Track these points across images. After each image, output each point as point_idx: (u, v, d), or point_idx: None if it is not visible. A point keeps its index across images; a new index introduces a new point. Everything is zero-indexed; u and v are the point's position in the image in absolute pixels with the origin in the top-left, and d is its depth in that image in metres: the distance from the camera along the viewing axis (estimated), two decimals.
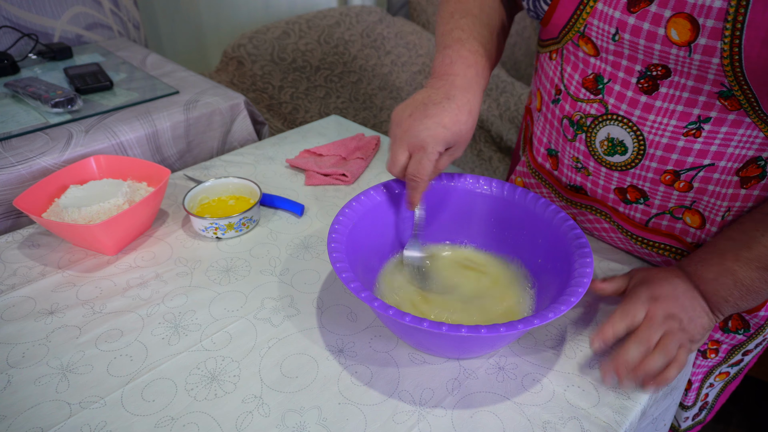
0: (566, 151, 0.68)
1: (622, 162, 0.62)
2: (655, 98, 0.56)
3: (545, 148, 0.73)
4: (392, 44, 1.79)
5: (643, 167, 0.60)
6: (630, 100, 0.58)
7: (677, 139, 0.57)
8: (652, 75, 0.55)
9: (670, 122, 0.56)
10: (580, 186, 0.70)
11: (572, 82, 0.63)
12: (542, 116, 0.72)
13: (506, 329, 0.46)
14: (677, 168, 0.59)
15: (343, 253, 0.54)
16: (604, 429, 0.50)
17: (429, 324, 0.46)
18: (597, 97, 0.61)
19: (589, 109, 0.62)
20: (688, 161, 0.58)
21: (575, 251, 0.56)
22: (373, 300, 0.48)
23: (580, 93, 0.62)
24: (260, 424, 0.50)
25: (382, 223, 0.64)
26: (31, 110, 0.92)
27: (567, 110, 0.65)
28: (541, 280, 0.61)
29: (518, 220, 0.64)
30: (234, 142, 1.05)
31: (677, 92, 0.55)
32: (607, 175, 0.65)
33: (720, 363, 0.75)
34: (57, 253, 0.70)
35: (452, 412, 0.51)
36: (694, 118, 0.55)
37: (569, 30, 0.60)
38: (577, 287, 0.51)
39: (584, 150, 0.65)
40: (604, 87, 0.60)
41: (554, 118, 0.68)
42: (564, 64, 0.64)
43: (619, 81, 0.58)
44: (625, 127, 0.59)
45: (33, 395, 0.52)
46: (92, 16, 1.26)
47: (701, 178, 0.59)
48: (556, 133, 0.69)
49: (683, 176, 0.59)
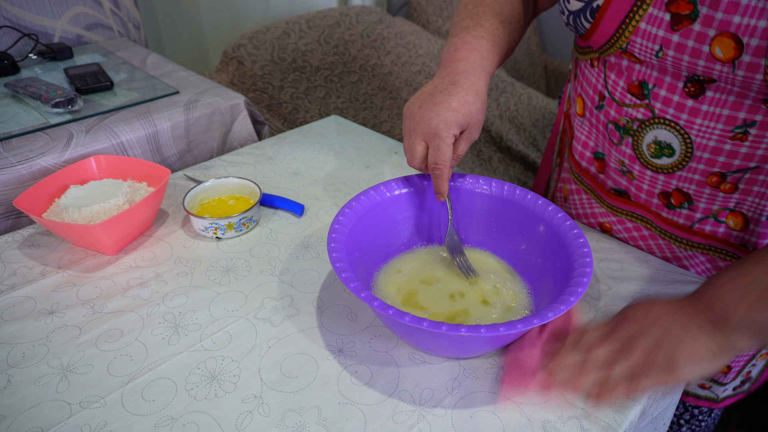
0: (612, 154, 0.69)
1: (669, 164, 0.63)
2: (701, 102, 0.57)
3: (591, 152, 0.74)
4: (392, 44, 1.79)
5: (690, 169, 0.61)
6: (677, 105, 0.59)
7: (724, 142, 0.58)
8: (699, 79, 0.56)
9: (717, 126, 0.57)
10: (624, 190, 0.71)
11: (617, 88, 0.64)
12: (586, 121, 0.73)
13: (506, 329, 0.46)
14: (723, 170, 0.60)
15: (343, 252, 0.54)
16: (603, 428, 0.50)
17: (429, 324, 0.46)
18: (643, 101, 0.62)
19: (635, 114, 0.63)
20: (735, 164, 0.59)
21: (575, 251, 0.56)
22: (372, 300, 0.48)
23: (626, 98, 0.63)
24: (260, 423, 0.50)
25: (382, 222, 0.64)
26: (32, 110, 0.92)
27: (612, 115, 0.66)
28: (540, 279, 0.61)
29: (517, 220, 0.64)
30: (234, 142, 1.05)
31: (723, 96, 0.56)
32: (652, 178, 0.66)
33: None
34: (57, 253, 0.70)
35: (452, 411, 0.51)
36: (740, 122, 0.56)
37: (611, 46, 0.61)
38: (577, 287, 0.51)
39: (630, 154, 0.66)
40: (650, 92, 0.61)
41: (599, 123, 0.69)
42: (607, 71, 0.65)
43: (665, 86, 0.59)
44: (672, 131, 0.60)
45: (33, 395, 0.52)
46: (92, 16, 1.26)
47: (747, 179, 0.60)
48: (602, 137, 0.70)
49: (729, 178, 0.60)
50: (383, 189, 0.64)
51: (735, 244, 0.67)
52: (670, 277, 0.68)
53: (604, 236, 0.75)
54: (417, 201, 0.66)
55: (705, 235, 0.67)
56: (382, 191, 0.64)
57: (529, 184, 1.84)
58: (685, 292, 0.65)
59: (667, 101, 0.59)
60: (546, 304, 0.55)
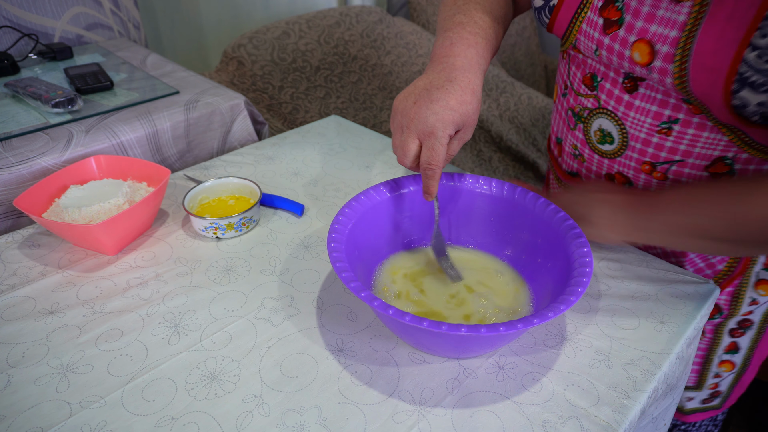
0: (568, 139, 0.76)
1: (610, 151, 0.69)
2: (635, 97, 0.63)
3: (555, 136, 0.81)
4: (392, 44, 1.79)
5: (627, 157, 0.68)
6: (616, 98, 0.65)
7: (652, 135, 0.64)
8: (633, 77, 0.62)
9: (647, 120, 0.63)
10: (576, 172, 0.77)
11: (575, 79, 0.71)
12: (555, 107, 0.79)
13: (506, 329, 0.46)
14: (653, 161, 0.65)
15: (342, 252, 0.54)
16: (603, 428, 0.50)
17: (429, 323, 0.46)
18: (593, 93, 0.68)
19: (586, 103, 0.70)
20: (662, 156, 0.64)
21: (575, 251, 0.56)
22: (372, 299, 0.48)
23: (581, 89, 0.70)
24: (260, 423, 0.50)
25: (383, 222, 0.64)
26: (32, 110, 0.92)
27: (571, 103, 0.73)
28: (540, 279, 0.61)
29: (517, 220, 0.64)
30: (234, 142, 1.05)
31: (652, 93, 0.61)
32: (599, 161, 0.72)
33: (712, 346, 0.78)
34: (57, 253, 0.70)
35: (452, 411, 0.51)
36: (666, 118, 0.61)
37: (565, 41, 0.68)
38: (577, 287, 0.51)
39: (582, 138, 0.73)
40: (598, 84, 0.67)
41: (562, 109, 0.76)
42: (570, 63, 0.72)
43: (609, 80, 0.65)
44: (612, 121, 0.67)
45: (33, 395, 0.52)
46: (92, 16, 1.26)
47: (674, 171, 0.65)
48: (562, 122, 0.77)
49: (659, 168, 0.65)
50: (383, 188, 0.64)
51: None
52: (670, 276, 0.68)
53: None
54: (417, 200, 0.66)
55: None
56: (382, 191, 0.64)
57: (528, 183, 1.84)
58: (685, 293, 0.66)
59: (610, 93, 0.66)
60: (546, 303, 0.55)
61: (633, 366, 0.56)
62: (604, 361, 0.57)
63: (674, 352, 0.58)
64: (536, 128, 1.97)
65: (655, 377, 0.55)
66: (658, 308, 0.63)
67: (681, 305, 0.64)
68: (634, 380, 0.55)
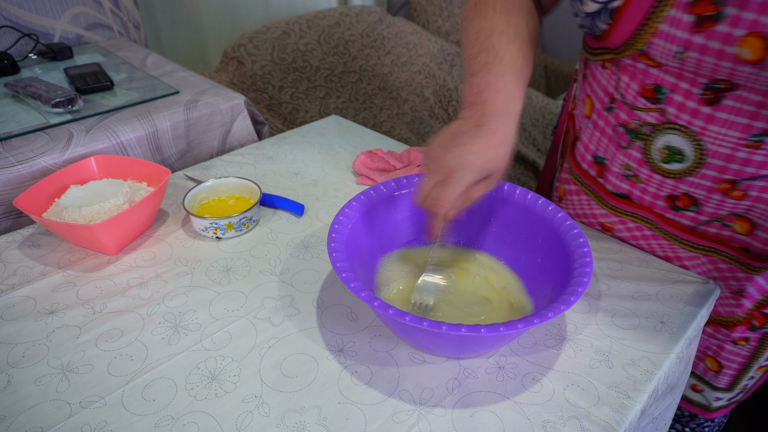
0: (617, 158, 0.68)
1: (680, 170, 0.62)
2: (718, 110, 0.56)
3: (591, 155, 0.73)
4: (392, 44, 1.79)
5: (701, 176, 0.61)
6: (692, 111, 0.58)
7: (738, 150, 0.57)
8: (716, 87, 0.55)
9: (733, 134, 0.57)
10: (626, 194, 0.70)
11: (629, 91, 0.63)
12: (591, 123, 0.71)
13: (506, 329, 0.46)
14: (736, 177, 0.59)
15: (343, 252, 0.54)
16: (603, 428, 0.50)
17: (429, 323, 0.46)
18: (656, 106, 0.61)
19: (647, 118, 0.62)
20: (748, 171, 0.58)
21: (575, 250, 0.56)
22: (373, 299, 0.48)
23: (638, 102, 0.62)
24: (260, 423, 0.50)
25: (382, 222, 0.64)
26: (32, 110, 0.92)
27: (623, 118, 0.65)
28: (540, 279, 0.61)
29: (517, 220, 0.64)
30: (234, 142, 1.05)
31: (741, 105, 0.55)
32: (660, 182, 0.65)
33: (755, 354, 0.74)
34: (57, 253, 0.70)
35: (452, 411, 0.51)
36: (757, 131, 0.55)
37: (628, 48, 0.59)
38: (577, 287, 0.51)
39: (639, 158, 0.65)
40: (665, 97, 0.60)
41: (607, 125, 0.68)
42: (620, 74, 0.64)
43: (682, 92, 0.58)
44: (685, 137, 0.60)
45: (33, 395, 0.52)
46: (92, 16, 1.26)
47: (759, 187, 0.59)
48: (607, 140, 0.69)
49: (741, 186, 0.60)
50: (383, 189, 0.64)
51: (737, 248, 0.67)
52: (670, 276, 0.68)
53: (604, 236, 0.75)
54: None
55: (708, 237, 0.67)
56: (382, 191, 0.64)
57: (529, 184, 1.84)
58: (685, 293, 0.66)
59: (682, 107, 0.58)
60: (546, 303, 0.55)
61: (633, 366, 0.56)
62: (604, 361, 0.57)
63: (674, 352, 0.58)
64: (536, 128, 1.97)
65: (655, 377, 0.55)
66: (658, 308, 0.63)
67: (681, 305, 0.64)
68: (634, 380, 0.55)
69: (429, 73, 1.85)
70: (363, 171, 0.87)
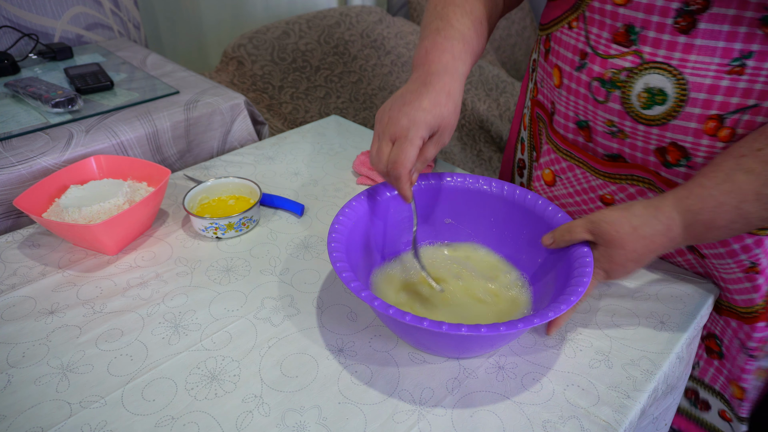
0: (598, 116, 0.66)
1: (662, 113, 0.59)
2: (694, 36, 0.54)
3: (573, 122, 0.70)
4: (392, 44, 1.79)
5: (685, 116, 0.58)
6: (668, 44, 0.56)
7: (721, 78, 0.55)
8: (690, 10, 0.54)
9: (713, 60, 0.54)
10: (617, 154, 0.67)
11: (600, 41, 0.62)
12: (564, 90, 0.70)
13: (506, 328, 0.46)
14: (721, 111, 0.56)
15: (343, 252, 0.54)
16: (603, 428, 0.50)
17: (429, 323, 0.46)
18: (630, 48, 0.59)
19: (622, 64, 0.60)
20: (733, 102, 0.55)
21: (575, 251, 0.56)
22: (373, 299, 0.48)
23: (611, 49, 0.61)
24: (260, 423, 0.50)
25: (383, 222, 0.64)
26: (32, 110, 0.92)
27: (596, 71, 0.63)
28: (540, 279, 0.61)
29: (518, 220, 0.64)
30: (234, 142, 1.05)
31: (716, 26, 0.53)
32: (645, 134, 0.62)
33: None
34: (57, 253, 0.70)
35: (452, 411, 0.51)
36: (737, 54, 0.53)
37: None
38: (577, 286, 0.51)
39: (619, 109, 0.62)
40: (638, 37, 0.58)
41: (580, 85, 0.66)
42: (588, 27, 0.63)
43: (654, 26, 0.56)
44: (664, 74, 0.57)
45: (33, 395, 0.52)
46: (92, 16, 1.26)
47: (746, 122, 0.56)
48: (583, 100, 0.67)
49: (727, 121, 0.56)
50: (383, 189, 0.64)
51: None
52: (670, 276, 0.68)
53: None
54: (418, 199, 0.66)
55: None
56: (382, 191, 0.64)
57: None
58: (685, 293, 0.66)
59: (657, 42, 0.57)
60: (546, 303, 0.55)
61: (633, 366, 0.56)
62: (604, 361, 0.57)
63: (674, 352, 0.58)
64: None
65: (655, 377, 0.55)
66: (658, 308, 0.63)
67: (681, 305, 0.64)
68: (634, 380, 0.55)
69: None
70: (363, 171, 0.87)
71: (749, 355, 0.70)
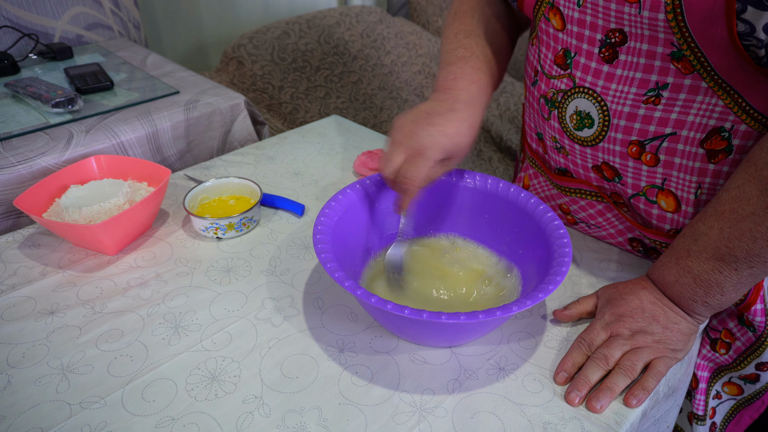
0: (546, 131, 0.70)
1: (590, 136, 0.63)
2: (615, 66, 0.58)
3: (534, 132, 0.75)
4: (392, 44, 1.79)
5: (610, 139, 0.61)
6: (594, 71, 0.59)
7: (638, 107, 0.58)
8: (611, 42, 0.57)
9: (631, 90, 0.57)
10: (564, 168, 0.71)
11: (546, 61, 0.65)
12: (527, 102, 0.75)
13: (502, 312, 0.47)
14: (641, 138, 0.59)
15: (328, 244, 0.55)
16: (604, 430, 0.50)
17: (410, 311, 0.47)
18: (566, 72, 0.62)
19: (560, 85, 0.64)
20: (651, 130, 0.58)
21: (552, 232, 0.57)
22: (356, 288, 0.49)
23: (553, 70, 0.64)
24: (260, 424, 0.50)
25: (370, 215, 0.65)
26: (32, 110, 0.92)
27: (543, 89, 0.67)
28: (525, 268, 0.62)
29: (504, 212, 0.65)
30: (234, 142, 1.05)
31: (634, 58, 0.56)
32: (581, 152, 0.65)
33: (730, 366, 0.73)
34: (57, 253, 0.70)
35: (452, 412, 0.51)
36: (653, 85, 0.56)
37: (541, 4, 0.62)
38: (561, 266, 0.52)
39: (558, 127, 0.66)
40: (572, 61, 0.61)
41: (534, 99, 0.70)
42: (540, 46, 0.66)
43: (584, 53, 0.60)
44: (590, 99, 0.61)
45: (33, 395, 0.52)
46: (92, 16, 1.26)
47: (666, 149, 0.59)
48: (536, 114, 0.71)
49: (648, 147, 0.59)
50: (369, 182, 0.65)
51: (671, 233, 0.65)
52: None
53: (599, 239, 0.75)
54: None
55: None
56: (368, 184, 0.65)
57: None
58: None
59: (586, 68, 0.60)
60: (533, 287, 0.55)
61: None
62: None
63: None
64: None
65: None
66: None
67: None
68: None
69: (429, 73, 1.85)
70: (363, 171, 0.87)
71: (710, 340, 0.74)
